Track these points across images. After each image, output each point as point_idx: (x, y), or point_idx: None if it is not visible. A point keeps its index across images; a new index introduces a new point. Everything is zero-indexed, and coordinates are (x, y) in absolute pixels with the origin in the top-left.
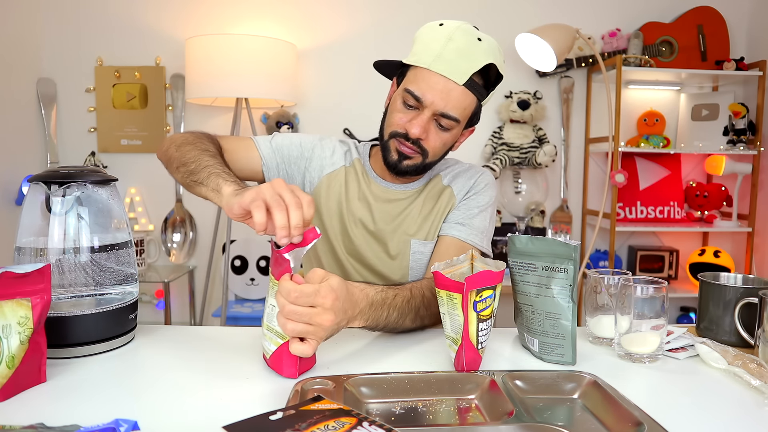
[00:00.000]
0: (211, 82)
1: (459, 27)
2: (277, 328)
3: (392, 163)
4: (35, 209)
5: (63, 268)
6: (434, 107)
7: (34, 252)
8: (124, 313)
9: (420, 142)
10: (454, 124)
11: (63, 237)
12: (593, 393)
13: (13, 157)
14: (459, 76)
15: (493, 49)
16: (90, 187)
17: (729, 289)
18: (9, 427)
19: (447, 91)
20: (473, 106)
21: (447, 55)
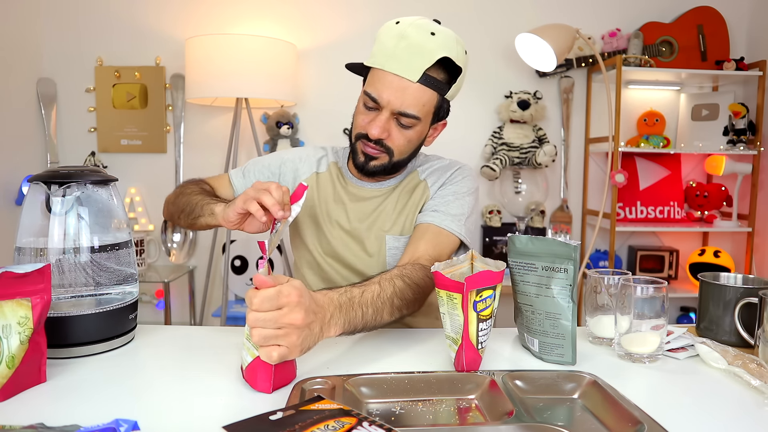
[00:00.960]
0: (211, 82)
1: (413, 23)
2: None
3: (360, 165)
4: (35, 209)
5: (63, 268)
6: (391, 107)
7: (34, 252)
8: (124, 313)
9: (383, 141)
10: (414, 122)
11: (63, 237)
12: (593, 393)
13: (13, 157)
14: (412, 73)
15: (449, 41)
16: (90, 187)
17: (729, 289)
18: (9, 427)
19: (402, 90)
20: (434, 101)
21: (399, 54)
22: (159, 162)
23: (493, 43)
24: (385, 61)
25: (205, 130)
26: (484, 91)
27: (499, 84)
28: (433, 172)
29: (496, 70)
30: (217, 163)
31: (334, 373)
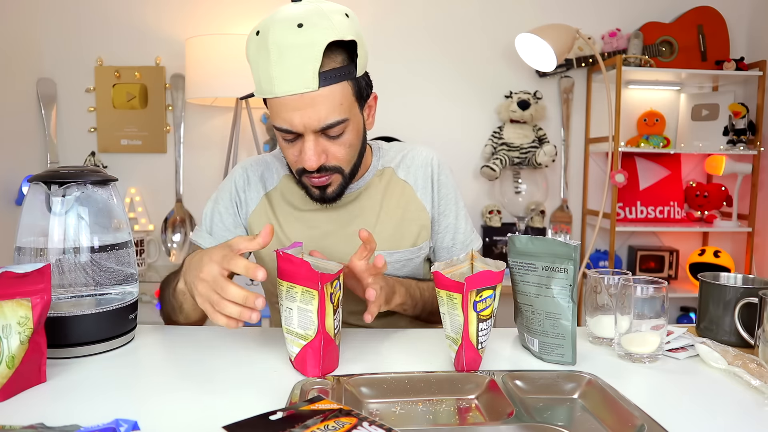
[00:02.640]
0: (211, 82)
1: (273, 24)
2: (297, 330)
3: (317, 198)
4: (35, 209)
5: (63, 268)
6: (310, 128)
7: (34, 252)
8: (124, 313)
9: (324, 165)
10: (344, 126)
11: (63, 237)
12: (593, 393)
13: (13, 157)
14: (307, 82)
15: (321, 21)
16: (90, 188)
17: (729, 289)
18: (9, 427)
19: (310, 105)
20: (350, 90)
21: (278, 71)
22: (159, 162)
23: (493, 43)
24: (272, 87)
25: (205, 130)
26: (484, 91)
27: (499, 84)
28: (412, 172)
29: (496, 70)
30: (217, 163)
31: (334, 373)
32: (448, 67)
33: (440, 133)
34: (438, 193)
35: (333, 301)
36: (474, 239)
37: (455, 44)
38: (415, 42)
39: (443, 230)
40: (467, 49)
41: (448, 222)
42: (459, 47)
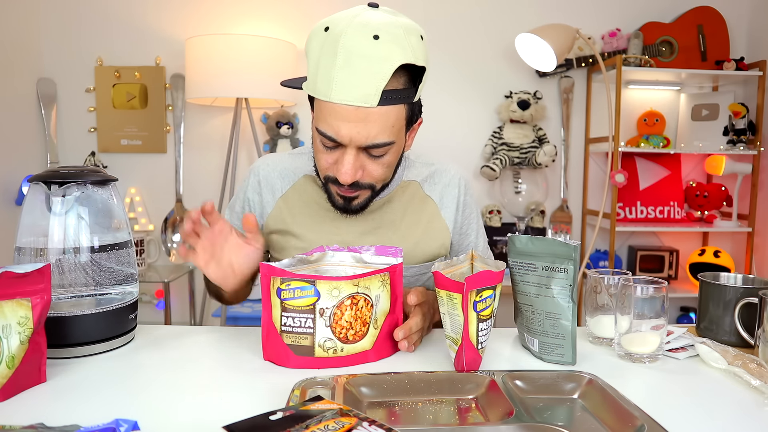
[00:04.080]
0: (211, 82)
1: (348, 29)
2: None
3: (341, 207)
4: (35, 209)
5: (63, 268)
6: (356, 143)
7: (34, 252)
8: (124, 313)
9: (358, 181)
10: (388, 148)
11: (63, 237)
12: (593, 393)
13: (13, 157)
14: (368, 98)
15: (398, 39)
16: (90, 188)
17: (729, 289)
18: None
19: (362, 121)
20: (403, 114)
21: (341, 77)
22: (159, 162)
23: (493, 43)
24: (329, 90)
25: (205, 130)
26: (484, 91)
27: (499, 84)
28: (438, 190)
29: (496, 70)
30: (217, 163)
31: (334, 373)
32: (448, 67)
33: (440, 132)
34: (462, 213)
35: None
36: (487, 257)
37: (455, 44)
38: None
39: (464, 249)
40: (467, 49)
41: (469, 241)
42: (459, 47)
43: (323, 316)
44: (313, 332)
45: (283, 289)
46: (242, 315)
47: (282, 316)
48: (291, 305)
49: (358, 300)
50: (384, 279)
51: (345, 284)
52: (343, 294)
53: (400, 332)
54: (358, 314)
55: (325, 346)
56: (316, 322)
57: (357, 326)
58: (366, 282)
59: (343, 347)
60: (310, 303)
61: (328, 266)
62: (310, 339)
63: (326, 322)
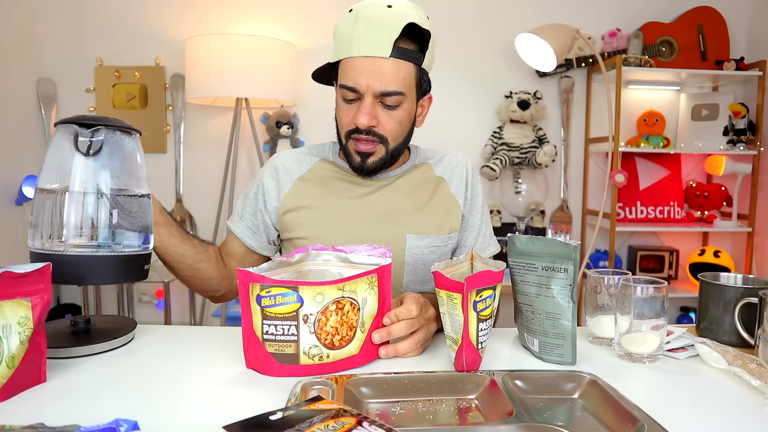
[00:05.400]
0: (211, 82)
1: (365, 3)
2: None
3: (358, 166)
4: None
5: (84, 208)
6: (372, 90)
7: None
8: (141, 262)
9: (374, 130)
10: (400, 99)
11: (88, 177)
12: (593, 393)
13: (13, 157)
14: (382, 49)
15: (407, 9)
16: (118, 134)
17: (729, 289)
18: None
19: (377, 69)
20: (413, 73)
21: (362, 35)
22: (159, 162)
23: (493, 43)
24: (350, 48)
25: (205, 130)
26: (484, 91)
27: (499, 84)
28: (448, 170)
29: (496, 70)
30: (217, 163)
31: (334, 374)
32: (448, 67)
33: (440, 132)
34: (471, 192)
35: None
36: (492, 243)
37: (455, 44)
38: None
39: (469, 228)
40: (467, 49)
41: (474, 221)
42: (459, 47)
43: (307, 322)
44: (297, 340)
45: (263, 296)
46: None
47: (263, 324)
48: (272, 313)
49: (344, 304)
50: (371, 281)
51: (329, 289)
52: (327, 299)
53: (376, 335)
54: (344, 319)
55: (311, 354)
56: (300, 330)
57: (343, 331)
58: (352, 285)
59: (329, 353)
60: (293, 310)
61: (311, 267)
62: (294, 347)
63: (311, 329)
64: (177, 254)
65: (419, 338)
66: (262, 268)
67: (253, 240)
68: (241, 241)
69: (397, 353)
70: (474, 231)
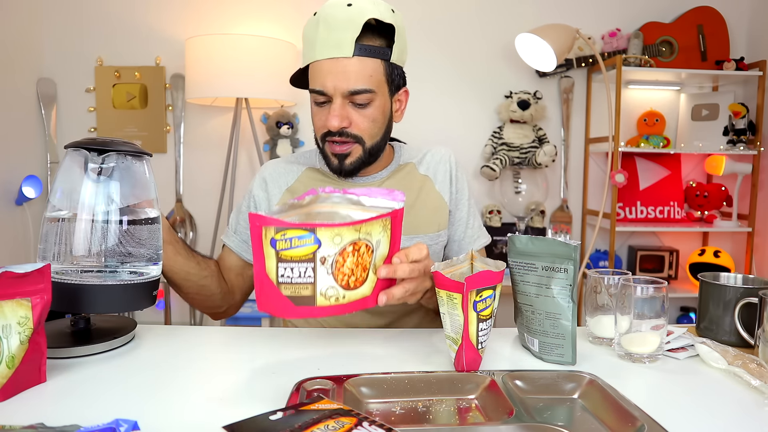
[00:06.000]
0: (211, 82)
1: (326, 5)
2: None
3: (336, 168)
4: (70, 176)
5: (93, 235)
6: (339, 90)
7: (68, 218)
8: (149, 289)
9: (347, 130)
10: (371, 97)
11: (97, 203)
12: (593, 393)
13: (13, 157)
14: (344, 49)
15: (367, 4)
16: (128, 159)
17: (729, 289)
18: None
19: (342, 70)
20: (381, 69)
21: (323, 38)
22: (159, 162)
23: (493, 43)
24: (314, 52)
25: (205, 130)
26: (484, 91)
27: (499, 84)
28: (432, 167)
29: (496, 70)
30: (217, 163)
31: (334, 373)
32: (448, 67)
33: (440, 133)
34: (455, 187)
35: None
36: (482, 234)
37: (455, 44)
38: (415, 42)
39: (456, 222)
40: (467, 49)
41: (461, 215)
42: (459, 47)
43: (325, 264)
44: (313, 282)
45: (278, 239)
46: (242, 315)
47: (278, 266)
48: (288, 255)
49: (360, 246)
50: (385, 224)
51: (347, 230)
52: (345, 240)
53: (383, 269)
54: (360, 260)
55: (327, 294)
56: (317, 271)
57: (358, 272)
58: (368, 227)
59: (345, 294)
60: (310, 252)
61: (320, 209)
62: (311, 288)
63: (328, 270)
64: (183, 272)
65: (410, 288)
66: (274, 211)
67: (249, 253)
68: (238, 255)
69: (389, 299)
70: (462, 224)
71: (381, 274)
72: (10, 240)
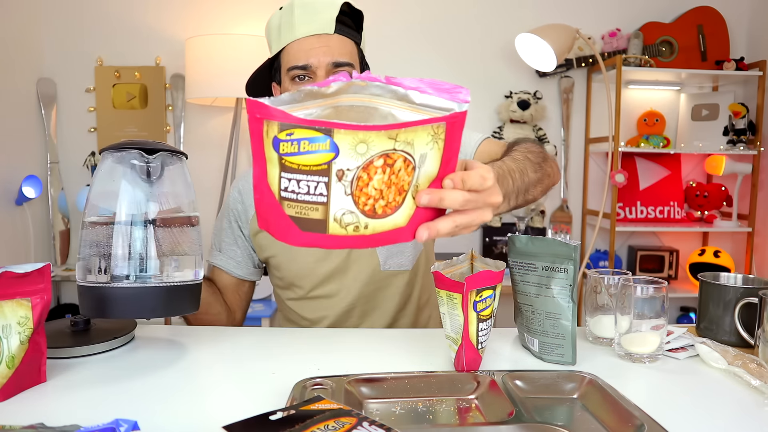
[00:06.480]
0: (211, 82)
1: None
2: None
3: None
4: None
5: (133, 238)
6: (323, 63)
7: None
8: (196, 292)
9: None
10: (351, 70)
11: (142, 206)
12: (593, 393)
13: (13, 157)
14: (326, 26)
15: None
16: (173, 158)
17: (729, 289)
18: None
19: (326, 44)
20: (356, 50)
21: (303, 18)
22: None
23: (493, 43)
24: (294, 32)
25: (205, 130)
26: (484, 91)
27: (499, 84)
28: None
29: (496, 70)
30: (217, 163)
31: (334, 373)
32: (448, 67)
33: None
34: None
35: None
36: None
37: (455, 44)
38: (415, 42)
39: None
40: (467, 49)
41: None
42: (459, 47)
43: (342, 180)
44: (326, 202)
45: (282, 140)
46: None
47: (281, 177)
48: (295, 163)
49: (395, 159)
50: (437, 132)
51: (377, 136)
52: (373, 150)
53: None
54: (393, 179)
55: (343, 221)
56: (331, 188)
57: (390, 195)
58: (408, 134)
59: (368, 223)
60: (324, 161)
61: (353, 101)
62: (323, 210)
63: (346, 189)
64: None
65: (461, 222)
66: (283, 99)
67: (239, 269)
68: (229, 273)
69: (431, 233)
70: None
71: (421, 201)
72: (10, 240)
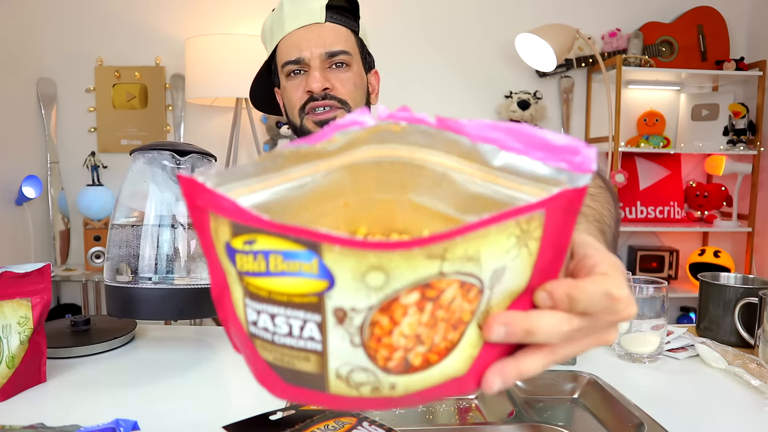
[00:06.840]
0: (211, 82)
1: None
2: None
3: None
4: (138, 182)
5: (161, 241)
6: (317, 54)
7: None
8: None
9: (330, 93)
10: (348, 58)
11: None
12: (593, 393)
13: (13, 157)
14: (316, 15)
15: None
16: (204, 160)
17: (729, 289)
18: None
19: (317, 34)
20: (353, 38)
21: (291, 12)
22: None
23: (493, 43)
24: (283, 28)
25: (205, 130)
26: (484, 91)
27: (499, 84)
28: None
29: (496, 70)
30: (217, 163)
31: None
32: (447, 68)
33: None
34: None
35: None
36: None
37: (455, 44)
38: (415, 42)
39: None
40: (467, 50)
41: None
42: (459, 47)
43: (345, 324)
44: (321, 351)
45: (239, 251)
46: None
47: (246, 306)
48: (263, 289)
49: (442, 290)
50: (526, 229)
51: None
52: (397, 283)
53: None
54: (441, 315)
55: (353, 380)
56: (327, 332)
57: (436, 336)
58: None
59: (395, 383)
60: (310, 292)
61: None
62: (317, 362)
63: (353, 338)
64: None
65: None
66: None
67: None
68: None
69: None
70: None
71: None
72: (10, 240)
